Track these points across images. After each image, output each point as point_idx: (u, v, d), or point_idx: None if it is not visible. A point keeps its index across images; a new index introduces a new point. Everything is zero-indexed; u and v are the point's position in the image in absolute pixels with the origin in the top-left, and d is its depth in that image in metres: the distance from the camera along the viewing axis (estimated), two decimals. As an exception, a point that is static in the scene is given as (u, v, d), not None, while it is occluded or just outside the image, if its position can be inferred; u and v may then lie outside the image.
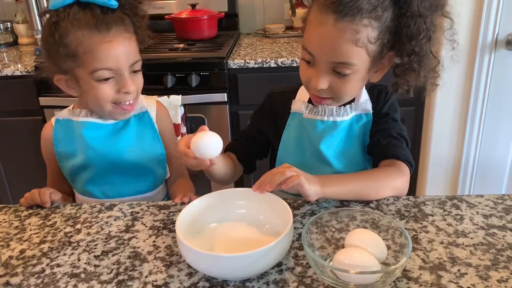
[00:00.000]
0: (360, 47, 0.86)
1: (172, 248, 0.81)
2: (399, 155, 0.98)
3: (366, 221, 0.81)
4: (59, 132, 1.12)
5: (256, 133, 1.16)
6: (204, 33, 2.28)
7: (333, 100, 0.97)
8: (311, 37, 0.91)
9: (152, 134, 1.15)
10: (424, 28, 0.87)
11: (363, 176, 0.95)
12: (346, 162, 1.04)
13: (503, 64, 1.90)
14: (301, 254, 0.78)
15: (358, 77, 0.92)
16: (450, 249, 0.77)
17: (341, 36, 0.86)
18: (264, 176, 0.85)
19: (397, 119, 1.06)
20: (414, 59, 0.90)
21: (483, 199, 0.92)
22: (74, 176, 1.14)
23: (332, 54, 0.88)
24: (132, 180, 1.13)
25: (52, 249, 0.83)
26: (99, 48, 0.97)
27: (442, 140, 2.04)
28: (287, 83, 1.94)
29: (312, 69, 0.92)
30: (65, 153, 1.12)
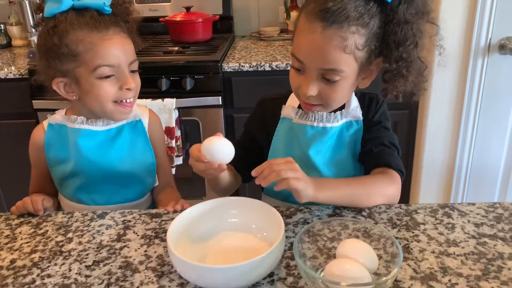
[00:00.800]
0: (348, 54, 0.87)
1: (163, 258, 0.81)
2: (391, 163, 0.98)
3: (358, 230, 0.82)
4: (52, 137, 1.11)
5: (249, 142, 1.16)
6: (199, 36, 2.28)
7: (322, 107, 0.98)
8: (300, 44, 0.91)
9: (144, 143, 1.16)
10: (411, 34, 0.89)
11: (356, 182, 0.96)
12: (336, 170, 1.04)
13: (496, 68, 1.91)
14: (293, 264, 0.78)
15: (347, 83, 0.93)
16: (441, 259, 0.78)
17: (329, 43, 0.86)
18: (266, 163, 0.85)
19: (388, 127, 1.06)
20: (402, 65, 0.91)
21: (474, 207, 0.92)
22: (63, 182, 1.13)
23: (320, 61, 0.89)
24: (122, 189, 1.13)
25: (43, 259, 0.83)
26: (100, 45, 0.99)
27: (435, 143, 2.05)
28: (282, 86, 1.94)
29: (302, 76, 0.93)
30: (57, 159, 1.11)
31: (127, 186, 1.13)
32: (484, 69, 1.91)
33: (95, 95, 1.03)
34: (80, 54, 0.99)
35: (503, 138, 2.03)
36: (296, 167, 0.85)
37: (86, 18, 0.99)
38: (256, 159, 1.17)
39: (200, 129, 2.04)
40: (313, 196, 0.87)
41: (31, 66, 1.96)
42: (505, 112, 1.98)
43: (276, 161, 0.85)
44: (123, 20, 1.05)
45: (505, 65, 1.89)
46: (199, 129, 2.04)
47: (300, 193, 0.85)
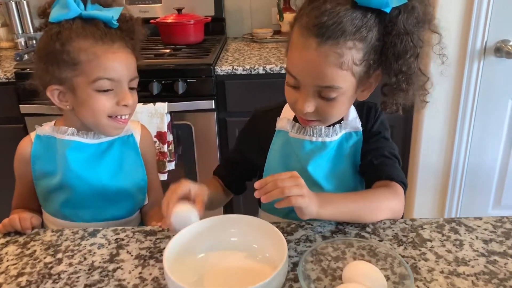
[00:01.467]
0: (345, 70, 0.83)
1: (159, 280, 0.77)
2: (393, 175, 0.95)
3: (363, 248, 0.78)
4: (39, 149, 1.06)
5: (240, 157, 1.13)
6: (191, 38, 2.23)
7: (320, 122, 0.94)
8: (294, 61, 0.87)
9: (135, 158, 1.12)
10: (411, 46, 0.84)
11: (359, 197, 0.92)
12: (336, 182, 1.00)
13: (492, 71, 1.89)
14: (296, 287, 0.74)
15: (345, 99, 0.89)
16: (451, 279, 0.74)
17: (325, 60, 0.82)
18: (270, 178, 0.81)
19: (388, 137, 1.03)
20: (402, 79, 0.87)
21: (481, 222, 0.89)
22: (48, 196, 1.08)
23: (316, 79, 0.84)
24: (110, 205, 1.08)
25: (30, 282, 0.78)
26: (103, 57, 0.96)
27: (431, 147, 2.03)
28: (276, 90, 1.90)
29: (297, 93, 0.89)
30: (43, 172, 1.06)
31: (115, 203, 1.08)
32: (480, 72, 1.89)
33: (90, 107, 0.99)
34: (81, 63, 0.96)
35: (498, 141, 2.01)
36: (301, 183, 0.81)
37: (93, 28, 0.96)
38: (247, 174, 1.15)
39: (193, 133, 2.00)
40: (316, 213, 0.83)
41: (18, 69, 1.90)
42: (501, 116, 1.97)
43: (280, 176, 0.81)
44: (128, 36, 1.02)
45: (500, 68, 1.88)
46: (192, 134, 2.00)
47: (303, 211, 0.81)
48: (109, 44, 0.97)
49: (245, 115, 2.00)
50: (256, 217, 0.83)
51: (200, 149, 2.03)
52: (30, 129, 1.94)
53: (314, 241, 0.86)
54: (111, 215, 1.08)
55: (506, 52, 1.81)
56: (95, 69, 0.96)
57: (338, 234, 0.88)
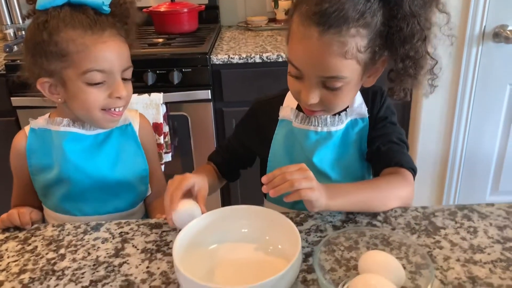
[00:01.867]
0: (349, 59, 0.79)
1: (168, 274, 0.74)
2: (402, 162, 0.93)
3: (376, 237, 0.76)
4: (34, 143, 1.02)
5: (238, 145, 1.10)
6: (184, 27, 2.18)
7: (325, 112, 0.91)
8: (296, 52, 0.84)
9: (135, 148, 1.08)
10: (418, 29, 0.80)
11: (369, 186, 0.90)
12: (343, 171, 0.98)
13: (490, 56, 1.88)
14: (310, 278, 0.72)
15: (350, 87, 0.85)
16: (468, 267, 0.73)
17: (328, 50, 0.78)
18: (278, 171, 0.78)
19: (395, 122, 1.00)
20: (409, 64, 0.83)
21: (494, 209, 0.88)
22: (47, 191, 1.04)
23: (319, 70, 0.81)
24: (111, 197, 1.05)
25: (33, 279, 0.75)
26: (93, 48, 0.91)
27: (429, 134, 2.02)
28: (273, 79, 1.89)
29: (301, 83, 0.86)
30: (40, 166, 1.02)
31: (117, 195, 1.05)
32: (478, 57, 1.88)
33: (82, 101, 0.94)
34: (70, 54, 0.90)
35: (496, 127, 2.01)
36: (310, 176, 0.78)
37: (81, 16, 0.90)
38: (244, 162, 1.13)
39: (189, 124, 1.96)
40: (326, 205, 0.80)
41: (8, 61, 1.84)
42: (499, 101, 1.96)
43: (288, 169, 0.78)
44: (122, 21, 0.96)
45: (499, 53, 1.87)
46: (188, 125, 1.96)
47: (313, 203, 0.78)
48: (99, 33, 0.91)
49: (242, 105, 1.97)
50: (262, 207, 0.81)
51: (197, 140, 2.00)
52: (22, 122, 1.89)
53: (325, 231, 0.84)
54: (113, 207, 1.05)
55: (505, 37, 1.80)
56: (85, 60, 0.91)
57: (349, 224, 0.86)
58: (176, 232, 0.85)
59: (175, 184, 0.83)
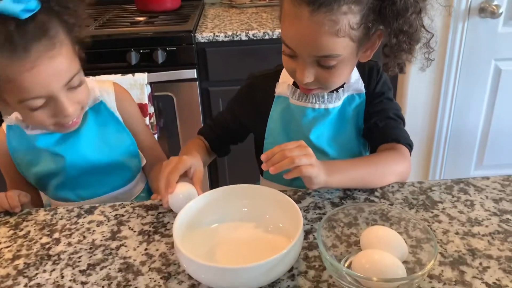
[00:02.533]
0: (342, 37, 0.78)
1: (167, 256, 0.73)
2: (400, 138, 0.93)
3: (375, 213, 0.76)
4: (13, 140, 0.97)
5: (231, 120, 1.08)
6: (167, 5, 2.13)
7: (322, 89, 0.90)
8: (288, 32, 0.82)
9: (115, 124, 1.02)
10: (412, 2, 0.78)
11: (367, 162, 0.89)
12: (340, 148, 0.98)
13: (475, 32, 1.88)
14: (312, 255, 0.72)
15: (345, 64, 0.84)
16: (467, 240, 0.73)
17: (319, 29, 0.77)
18: (277, 148, 0.78)
19: (391, 97, 0.99)
20: (403, 39, 0.81)
21: (489, 182, 0.88)
22: (41, 183, 1.01)
23: (312, 49, 0.80)
24: (105, 178, 1.02)
25: (28, 265, 0.73)
26: (20, 79, 0.79)
27: (416, 110, 2.03)
28: (260, 56, 1.86)
29: (295, 62, 0.84)
30: (25, 162, 0.98)
31: (110, 174, 1.02)
32: (464, 33, 1.88)
33: (30, 121, 0.90)
34: (1, 83, 0.80)
35: (480, 103, 2.03)
36: (310, 152, 0.78)
37: (1, 36, 0.76)
38: (236, 138, 1.12)
39: (175, 104, 1.93)
40: (325, 182, 0.80)
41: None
42: (483, 77, 1.97)
43: (288, 146, 0.77)
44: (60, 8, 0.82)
45: (484, 28, 1.87)
46: (174, 105, 1.93)
47: (312, 180, 0.78)
48: (23, 57, 0.77)
49: (229, 84, 1.95)
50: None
51: (183, 120, 1.97)
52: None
53: (323, 208, 0.83)
54: (110, 187, 1.03)
55: (491, 12, 1.80)
56: (16, 91, 0.80)
57: (347, 200, 0.85)
58: (173, 213, 0.83)
59: (171, 166, 0.81)
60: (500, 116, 2.03)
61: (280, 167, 0.75)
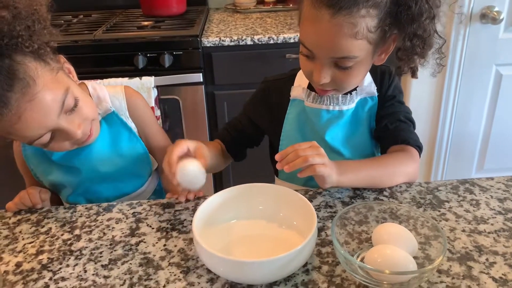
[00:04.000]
0: (360, 40, 0.81)
1: (186, 251, 0.76)
2: (409, 140, 0.96)
3: (384, 211, 0.79)
4: (28, 149, 0.99)
5: (247, 123, 1.10)
6: (173, 9, 2.17)
7: (337, 91, 0.93)
8: (307, 34, 0.85)
9: (128, 133, 1.03)
10: (427, 8, 0.81)
11: (377, 163, 0.93)
12: (353, 149, 1.01)
13: (477, 37, 1.92)
14: (325, 252, 0.75)
15: (361, 66, 0.87)
16: (473, 237, 0.76)
17: (339, 31, 0.80)
18: (290, 148, 0.81)
19: (402, 101, 1.02)
20: (417, 43, 0.85)
21: (494, 182, 0.92)
22: (55, 189, 1.04)
23: (331, 51, 0.83)
24: (117, 186, 1.04)
25: (52, 260, 0.76)
26: (14, 130, 0.78)
27: (418, 114, 2.06)
28: (265, 61, 1.90)
29: (313, 63, 0.87)
30: (40, 171, 1.01)
31: (122, 182, 1.04)
32: (466, 38, 1.91)
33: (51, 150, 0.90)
34: (6, 136, 0.82)
35: (481, 108, 2.06)
36: (322, 152, 0.81)
37: None
38: (251, 141, 1.14)
39: (181, 107, 1.96)
40: (337, 181, 0.83)
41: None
42: (485, 82, 2.01)
43: (301, 146, 0.80)
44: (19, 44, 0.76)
45: (485, 34, 1.91)
46: (180, 108, 1.96)
47: (325, 179, 0.81)
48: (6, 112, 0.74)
49: (234, 88, 1.98)
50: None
51: (188, 123, 2.00)
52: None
53: (334, 207, 0.86)
54: (121, 192, 1.05)
55: (492, 18, 1.84)
56: (21, 139, 0.83)
57: (357, 199, 0.88)
58: (189, 211, 0.86)
59: (169, 151, 0.84)
60: (501, 121, 2.06)
61: (294, 166, 0.78)
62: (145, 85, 1.79)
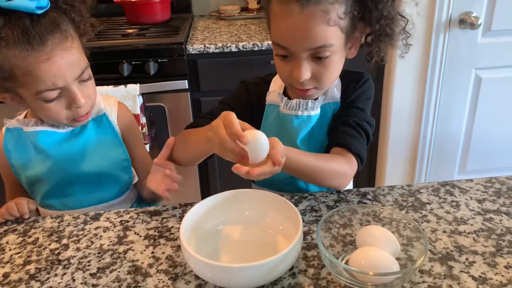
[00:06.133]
0: (333, 26, 0.83)
1: (174, 258, 0.77)
2: (351, 146, 0.93)
3: (368, 214, 0.81)
4: (9, 142, 1.01)
5: None
6: (157, 17, 2.18)
7: (317, 89, 0.93)
8: (280, 30, 0.86)
9: (113, 138, 1.06)
10: None
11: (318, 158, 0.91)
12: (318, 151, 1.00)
13: (456, 42, 1.96)
14: (310, 255, 0.76)
15: (337, 57, 0.89)
16: (454, 238, 0.79)
17: (312, 21, 0.82)
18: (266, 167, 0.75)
19: (362, 108, 1.00)
20: (384, 24, 0.88)
21: (473, 184, 0.94)
22: (31, 188, 1.04)
23: (307, 42, 0.84)
24: (94, 189, 1.04)
25: (40, 270, 0.76)
26: (37, 69, 0.85)
27: (401, 117, 2.09)
28: (249, 68, 1.91)
29: (290, 63, 0.89)
30: (19, 164, 1.01)
31: (99, 186, 1.04)
32: (445, 43, 1.96)
33: (44, 115, 0.94)
34: (17, 76, 0.86)
35: (462, 110, 2.10)
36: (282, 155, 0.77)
37: (17, 31, 0.82)
38: None
39: (166, 115, 1.97)
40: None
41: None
42: (465, 85, 2.05)
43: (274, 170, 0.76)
44: (68, 6, 0.90)
45: (464, 39, 1.95)
46: (165, 115, 1.97)
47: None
48: (40, 49, 0.84)
49: (220, 94, 1.96)
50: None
51: (174, 130, 2.01)
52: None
53: (319, 211, 0.88)
54: (97, 199, 1.05)
55: (470, 24, 1.88)
56: (33, 82, 0.86)
57: (341, 203, 0.90)
58: (176, 218, 0.87)
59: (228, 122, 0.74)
60: (481, 123, 2.11)
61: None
62: (130, 93, 1.79)
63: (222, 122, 0.75)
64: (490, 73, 2.02)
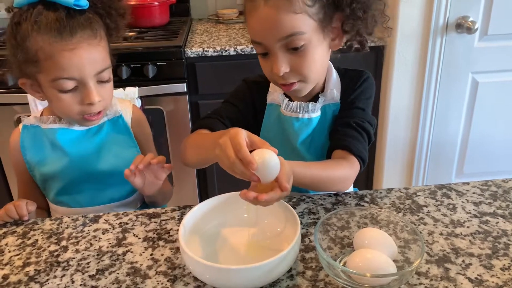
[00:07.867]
0: (299, 13, 0.83)
1: (172, 260, 0.77)
2: (352, 148, 0.92)
3: (365, 217, 0.82)
4: (26, 139, 1.03)
5: (238, 113, 1.03)
6: (156, 20, 2.19)
7: (302, 83, 0.92)
8: (252, 26, 0.88)
9: (127, 139, 1.09)
10: None
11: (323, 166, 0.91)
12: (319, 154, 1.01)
13: (453, 46, 1.97)
14: (308, 257, 0.77)
15: (314, 47, 0.88)
16: (450, 240, 0.79)
17: (277, 10, 0.83)
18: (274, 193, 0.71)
19: (362, 108, 0.99)
20: (356, 7, 0.87)
21: (469, 187, 0.95)
22: (45, 185, 1.06)
23: (276, 32, 0.84)
24: (106, 187, 1.06)
25: (39, 271, 0.76)
26: (60, 56, 0.89)
27: (398, 121, 2.10)
28: (248, 71, 1.89)
29: (270, 59, 0.89)
30: (34, 161, 1.03)
31: (111, 186, 1.07)
32: (442, 47, 1.97)
33: (57, 106, 0.96)
34: (40, 61, 0.90)
35: (459, 114, 2.12)
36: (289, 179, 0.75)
37: (51, 18, 0.88)
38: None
39: (165, 118, 1.97)
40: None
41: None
42: (462, 89, 2.06)
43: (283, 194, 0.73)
44: (105, 12, 0.95)
45: (461, 43, 1.97)
46: (164, 118, 1.97)
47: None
48: (67, 39, 0.88)
49: (217, 97, 1.98)
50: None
51: (173, 133, 2.02)
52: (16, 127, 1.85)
53: (317, 213, 0.89)
54: (108, 198, 1.07)
55: (467, 28, 1.90)
56: (53, 68, 0.89)
57: (339, 205, 0.91)
58: (175, 220, 0.88)
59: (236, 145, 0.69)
60: (478, 126, 2.12)
61: None
62: (129, 96, 1.80)
63: (230, 142, 0.70)
64: (487, 77, 2.03)
